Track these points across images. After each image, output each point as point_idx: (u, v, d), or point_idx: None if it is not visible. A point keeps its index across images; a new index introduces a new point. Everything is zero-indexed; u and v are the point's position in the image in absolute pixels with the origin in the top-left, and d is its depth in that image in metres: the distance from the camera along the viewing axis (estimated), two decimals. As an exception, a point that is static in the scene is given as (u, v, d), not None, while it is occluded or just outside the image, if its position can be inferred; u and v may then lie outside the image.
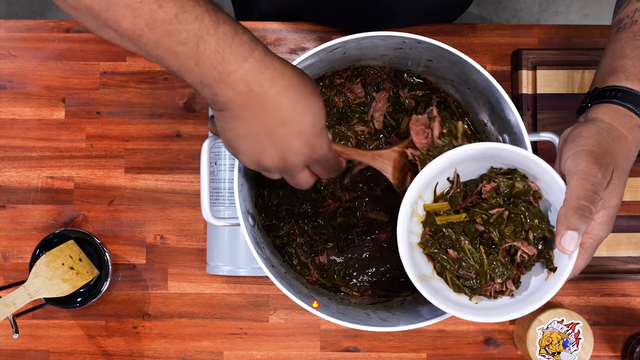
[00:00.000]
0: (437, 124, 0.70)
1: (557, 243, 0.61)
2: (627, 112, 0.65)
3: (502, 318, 0.66)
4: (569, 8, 1.81)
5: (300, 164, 0.62)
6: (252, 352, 0.96)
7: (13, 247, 0.97)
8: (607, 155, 0.62)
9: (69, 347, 0.96)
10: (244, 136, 0.59)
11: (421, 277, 0.68)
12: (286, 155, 0.60)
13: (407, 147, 0.72)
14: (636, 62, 0.67)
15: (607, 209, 0.63)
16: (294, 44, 0.98)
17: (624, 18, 0.70)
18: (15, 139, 0.97)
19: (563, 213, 0.60)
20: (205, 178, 0.75)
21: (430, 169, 0.67)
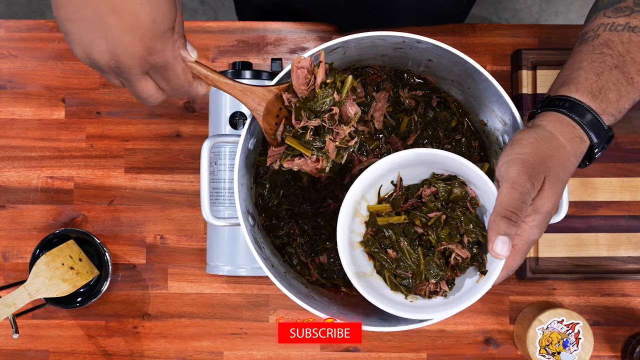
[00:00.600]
0: (321, 70, 0.67)
1: (489, 249, 0.62)
2: (571, 123, 0.66)
3: (433, 316, 0.68)
4: (569, 8, 1.80)
5: (136, 67, 0.56)
6: (252, 352, 0.96)
7: (13, 247, 0.97)
8: (540, 165, 0.63)
9: (69, 347, 0.96)
10: (73, 19, 0.53)
11: (359, 274, 0.70)
12: (118, 52, 0.54)
13: (286, 91, 0.69)
14: (590, 75, 0.67)
15: (539, 214, 0.64)
16: (294, 44, 0.98)
17: (589, 31, 0.71)
18: (15, 139, 0.97)
19: (492, 219, 0.62)
20: (205, 178, 0.75)
21: (372, 171, 0.68)
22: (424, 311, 0.69)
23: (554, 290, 0.96)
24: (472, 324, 0.96)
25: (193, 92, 0.64)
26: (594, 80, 0.67)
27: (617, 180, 0.94)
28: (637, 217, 0.94)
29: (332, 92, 0.67)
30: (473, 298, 0.66)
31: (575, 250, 0.94)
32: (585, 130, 0.66)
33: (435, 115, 0.85)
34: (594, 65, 0.68)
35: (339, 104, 0.68)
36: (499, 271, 0.65)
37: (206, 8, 1.76)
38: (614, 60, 0.68)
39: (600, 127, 0.66)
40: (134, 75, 0.57)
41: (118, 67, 0.56)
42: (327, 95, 0.67)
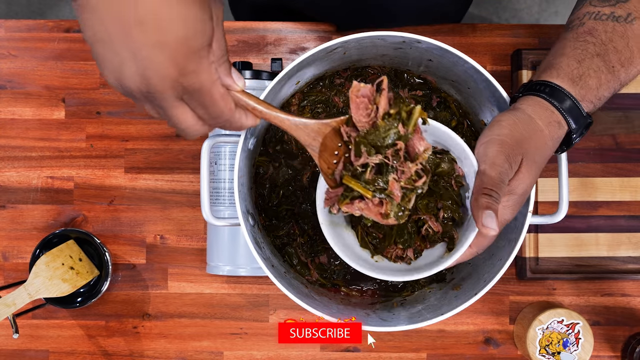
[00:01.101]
0: (383, 98, 0.60)
1: (478, 226, 0.62)
2: (550, 107, 0.67)
3: (390, 278, 0.68)
4: (569, 8, 1.81)
5: (167, 90, 0.50)
6: (252, 352, 0.96)
7: (13, 247, 0.97)
8: (517, 147, 0.64)
9: (69, 347, 0.96)
10: (100, 40, 0.48)
11: (333, 222, 0.70)
12: (148, 74, 0.48)
13: (345, 124, 0.62)
14: (571, 61, 0.68)
15: (514, 194, 0.65)
16: (294, 44, 0.98)
17: (575, 19, 0.72)
18: (15, 139, 0.97)
19: (474, 198, 0.63)
20: (205, 178, 0.75)
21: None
22: (385, 273, 0.69)
23: (554, 290, 0.96)
24: (472, 324, 0.96)
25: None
26: (575, 66, 0.68)
27: (617, 180, 0.94)
28: (637, 217, 0.94)
29: (397, 124, 0.60)
30: (433, 269, 0.67)
31: (575, 250, 0.94)
32: (563, 115, 0.67)
33: (435, 115, 0.85)
34: (576, 52, 0.69)
35: (405, 137, 0.61)
36: (465, 247, 0.66)
37: (206, 8, 1.76)
38: (597, 48, 0.69)
39: (579, 114, 0.67)
40: (167, 101, 0.51)
41: (149, 92, 0.50)
42: (390, 128, 0.60)
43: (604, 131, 0.95)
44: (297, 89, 0.82)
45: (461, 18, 1.09)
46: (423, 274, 0.68)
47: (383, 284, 0.85)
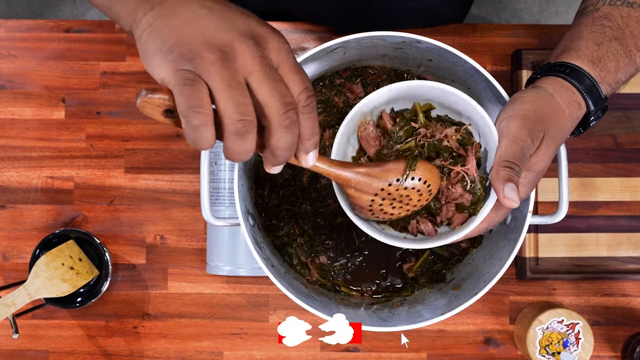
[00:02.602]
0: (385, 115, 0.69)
1: (500, 198, 0.62)
2: (571, 87, 0.67)
3: (401, 245, 0.69)
4: (569, 8, 1.80)
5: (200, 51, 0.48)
6: (252, 352, 0.96)
7: (13, 247, 0.96)
8: (539, 123, 0.64)
9: (69, 347, 0.96)
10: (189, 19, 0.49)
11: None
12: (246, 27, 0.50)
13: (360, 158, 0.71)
14: (590, 44, 0.69)
15: (531, 172, 0.65)
16: (294, 44, 0.98)
17: (588, 6, 0.73)
18: (15, 139, 0.97)
19: (495, 171, 0.63)
20: (205, 178, 0.75)
21: (391, 89, 0.68)
22: (396, 240, 0.69)
23: (554, 290, 0.96)
24: (472, 324, 0.96)
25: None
26: (594, 49, 0.68)
27: (617, 180, 0.94)
28: (637, 217, 0.94)
29: (407, 124, 0.68)
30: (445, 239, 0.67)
31: (575, 250, 0.94)
32: (583, 96, 0.67)
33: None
34: (594, 36, 0.69)
35: (424, 126, 0.69)
36: (478, 222, 0.66)
37: (206, 8, 1.76)
38: (614, 32, 0.69)
39: (598, 95, 0.67)
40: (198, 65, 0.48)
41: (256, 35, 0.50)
42: (402, 129, 0.68)
43: (604, 131, 0.95)
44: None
45: (463, 19, 1.09)
46: (435, 242, 0.68)
47: (383, 284, 0.85)
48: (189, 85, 0.47)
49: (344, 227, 0.86)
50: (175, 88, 0.47)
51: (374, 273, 0.85)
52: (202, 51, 0.47)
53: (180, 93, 0.47)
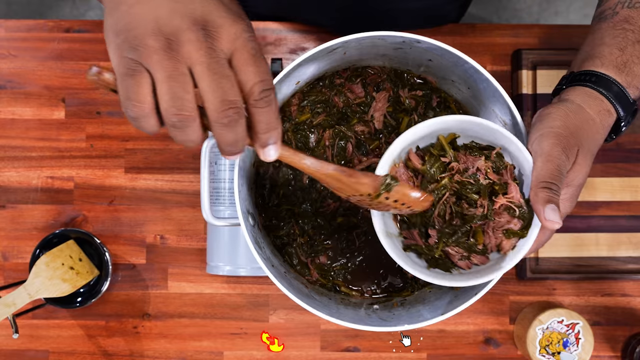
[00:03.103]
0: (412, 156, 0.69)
1: (541, 220, 0.61)
2: (599, 96, 0.66)
3: (457, 284, 0.67)
4: (569, 8, 1.80)
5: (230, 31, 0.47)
6: (252, 352, 0.96)
7: (13, 247, 0.96)
8: (572, 137, 0.64)
9: (69, 347, 0.96)
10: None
11: (388, 233, 0.70)
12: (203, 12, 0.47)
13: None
14: (613, 49, 0.68)
15: (571, 187, 0.65)
16: (294, 44, 0.98)
17: (606, 10, 0.72)
18: (15, 139, 0.97)
19: (534, 193, 0.62)
20: (205, 178, 0.75)
21: (414, 132, 0.67)
22: (445, 278, 0.68)
23: (554, 290, 0.96)
24: (472, 324, 0.96)
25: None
26: (618, 54, 0.68)
27: (617, 180, 0.94)
28: (637, 217, 0.94)
29: (437, 161, 0.67)
30: (500, 271, 0.65)
31: (576, 250, 0.94)
32: (612, 103, 0.66)
33: (435, 115, 0.85)
34: (617, 41, 0.68)
35: (454, 159, 0.68)
36: (530, 245, 0.65)
37: (206, 8, 1.76)
38: (636, 35, 0.68)
39: (627, 100, 0.67)
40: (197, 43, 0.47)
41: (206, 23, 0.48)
42: (432, 166, 0.67)
43: (604, 131, 0.95)
44: (297, 89, 0.82)
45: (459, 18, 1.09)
46: (488, 277, 0.66)
47: (383, 284, 0.85)
48: (130, 76, 0.46)
49: (344, 227, 0.86)
50: (118, 77, 0.46)
51: (374, 273, 0.85)
52: (147, 39, 0.45)
53: (120, 83, 0.46)
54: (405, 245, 0.71)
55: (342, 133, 0.85)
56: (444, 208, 0.68)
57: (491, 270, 0.67)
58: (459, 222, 0.67)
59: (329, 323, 0.95)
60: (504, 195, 0.66)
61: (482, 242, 0.67)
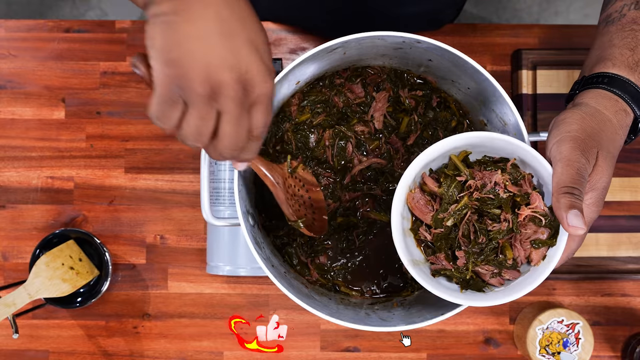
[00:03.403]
0: (428, 180, 0.68)
1: (565, 227, 0.60)
2: (613, 97, 0.66)
3: (494, 302, 0.66)
4: (569, 8, 1.80)
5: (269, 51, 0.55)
6: (252, 352, 0.96)
7: (13, 247, 0.97)
8: (590, 140, 0.63)
9: (69, 347, 0.96)
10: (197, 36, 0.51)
11: (414, 261, 0.68)
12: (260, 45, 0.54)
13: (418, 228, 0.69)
14: (624, 50, 0.68)
15: (595, 190, 0.63)
16: (294, 44, 0.98)
17: (613, 13, 0.72)
18: (15, 139, 0.97)
19: (555, 199, 0.61)
20: (205, 178, 0.75)
21: (426, 156, 0.66)
22: (482, 298, 0.67)
23: (554, 290, 0.96)
24: (472, 324, 0.96)
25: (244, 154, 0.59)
26: (629, 54, 0.67)
27: (617, 180, 0.94)
28: (637, 217, 0.94)
29: (453, 181, 0.66)
30: (536, 282, 0.64)
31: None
32: (628, 102, 0.66)
33: (435, 115, 0.85)
34: (627, 41, 0.68)
35: (471, 176, 0.67)
36: (559, 255, 0.64)
37: (206, 8, 1.76)
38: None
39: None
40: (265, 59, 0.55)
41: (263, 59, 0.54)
42: (450, 187, 0.66)
43: (604, 131, 0.95)
44: (297, 88, 0.82)
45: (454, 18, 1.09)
46: (526, 290, 0.65)
47: (383, 284, 0.85)
48: (168, 103, 0.53)
49: (344, 227, 0.86)
50: (156, 94, 0.52)
51: (374, 273, 0.85)
52: (195, 85, 0.51)
53: (158, 102, 0.53)
54: (434, 271, 0.69)
55: (342, 133, 0.85)
56: (467, 227, 0.66)
57: (525, 284, 0.65)
58: (484, 240, 0.65)
59: (329, 323, 0.95)
60: (526, 206, 0.65)
61: (512, 256, 0.66)
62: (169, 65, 0.51)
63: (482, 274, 0.68)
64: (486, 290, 0.68)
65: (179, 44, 0.51)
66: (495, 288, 0.68)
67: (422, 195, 0.68)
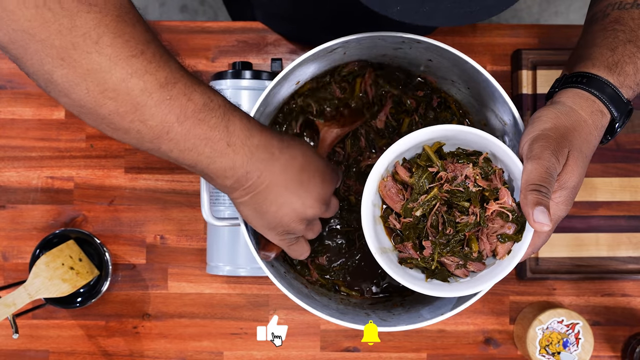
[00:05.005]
0: (399, 169, 0.69)
1: (530, 223, 0.61)
2: (590, 97, 0.66)
3: (457, 294, 0.67)
4: (569, 8, 1.80)
5: (330, 198, 0.71)
6: (252, 352, 0.96)
7: (13, 247, 0.97)
8: (562, 139, 0.63)
9: (69, 347, 0.96)
10: (286, 201, 0.66)
11: (382, 249, 0.69)
12: (323, 197, 0.69)
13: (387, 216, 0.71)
14: (604, 50, 0.68)
15: (565, 189, 0.64)
16: (293, 45, 0.98)
17: (597, 12, 0.72)
18: (15, 139, 0.97)
19: (523, 196, 0.62)
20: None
21: (399, 146, 0.67)
22: (445, 289, 0.68)
23: (554, 290, 0.96)
24: (472, 324, 0.96)
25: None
26: (609, 55, 0.68)
27: (617, 180, 0.94)
28: (637, 217, 0.94)
29: (424, 171, 0.68)
30: (498, 276, 0.65)
31: (575, 250, 0.94)
32: (605, 103, 0.66)
33: (435, 115, 0.85)
34: (608, 41, 0.68)
35: (442, 168, 0.67)
36: (524, 250, 0.65)
37: (206, 8, 1.76)
38: (627, 35, 0.68)
39: (620, 100, 0.66)
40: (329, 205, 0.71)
41: (325, 205, 0.70)
42: (421, 178, 0.68)
43: (604, 131, 0.95)
44: (296, 88, 0.82)
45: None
46: (488, 284, 0.66)
47: (383, 284, 0.85)
48: (294, 244, 0.71)
49: (344, 230, 0.86)
50: (284, 247, 0.72)
51: (374, 273, 0.85)
52: (296, 226, 0.68)
53: (289, 250, 0.72)
54: (401, 259, 0.70)
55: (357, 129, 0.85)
56: (436, 218, 0.67)
57: (489, 277, 0.67)
58: (452, 232, 0.66)
59: (329, 323, 0.95)
60: (495, 200, 0.66)
61: (477, 249, 0.67)
62: (274, 228, 0.68)
63: (448, 264, 0.69)
64: (451, 280, 0.69)
65: (274, 217, 0.67)
66: (460, 279, 0.69)
67: (394, 184, 0.69)
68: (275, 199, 0.65)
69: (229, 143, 0.60)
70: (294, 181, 0.66)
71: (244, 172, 0.62)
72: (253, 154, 0.62)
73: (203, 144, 0.59)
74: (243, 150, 0.61)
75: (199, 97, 0.58)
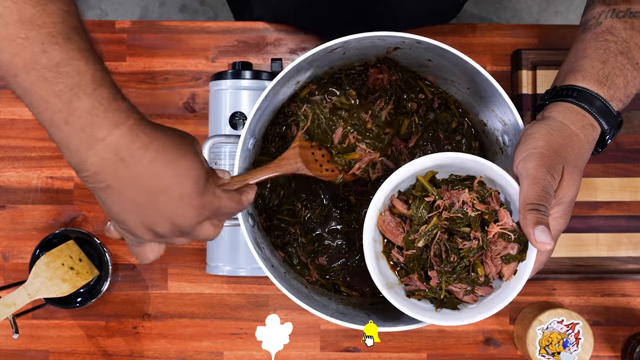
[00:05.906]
0: (396, 202, 0.68)
1: (533, 243, 0.62)
2: (581, 111, 0.66)
3: (469, 321, 0.67)
4: (569, 8, 1.80)
5: (194, 223, 0.59)
6: (252, 352, 0.96)
7: (13, 247, 0.96)
8: (556, 156, 0.63)
9: (69, 347, 0.96)
10: (129, 209, 0.56)
11: (388, 284, 0.69)
12: (178, 221, 0.57)
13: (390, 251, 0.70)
14: (595, 62, 0.68)
15: (562, 204, 0.64)
16: (294, 44, 0.98)
17: (590, 19, 0.72)
18: (15, 139, 0.97)
19: (522, 216, 0.62)
20: (205, 178, 0.74)
21: (394, 178, 0.67)
22: (456, 317, 0.67)
23: (554, 290, 0.96)
24: (472, 324, 0.96)
25: (246, 205, 0.65)
26: (599, 67, 0.67)
27: (617, 180, 0.94)
28: (637, 217, 0.94)
29: (421, 202, 0.67)
30: (509, 297, 0.65)
31: (575, 250, 0.94)
32: (595, 117, 0.66)
33: (436, 116, 0.85)
34: (599, 53, 0.68)
35: (439, 196, 0.67)
36: (530, 269, 0.65)
37: (206, 8, 1.76)
38: (618, 46, 0.68)
39: (610, 114, 0.66)
40: (195, 230, 0.60)
41: (182, 231, 0.59)
42: (418, 208, 0.67)
43: (604, 131, 0.95)
44: (296, 89, 0.82)
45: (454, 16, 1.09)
46: (499, 306, 0.65)
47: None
48: (136, 246, 0.62)
49: (345, 230, 0.86)
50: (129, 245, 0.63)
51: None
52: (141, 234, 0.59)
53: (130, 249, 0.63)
54: (408, 292, 0.70)
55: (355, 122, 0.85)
56: (438, 247, 0.67)
57: (498, 300, 0.66)
58: (456, 259, 0.66)
59: (329, 323, 0.95)
60: (495, 222, 0.66)
61: (483, 273, 0.67)
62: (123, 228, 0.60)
63: (456, 292, 0.68)
64: (461, 307, 0.69)
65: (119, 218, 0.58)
66: (470, 305, 0.69)
67: (392, 218, 0.69)
68: (117, 201, 0.56)
69: (66, 120, 0.53)
70: (142, 193, 0.56)
71: (79, 160, 0.55)
72: (93, 146, 0.53)
73: (43, 106, 0.53)
74: (80, 137, 0.53)
75: (59, 54, 0.50)
